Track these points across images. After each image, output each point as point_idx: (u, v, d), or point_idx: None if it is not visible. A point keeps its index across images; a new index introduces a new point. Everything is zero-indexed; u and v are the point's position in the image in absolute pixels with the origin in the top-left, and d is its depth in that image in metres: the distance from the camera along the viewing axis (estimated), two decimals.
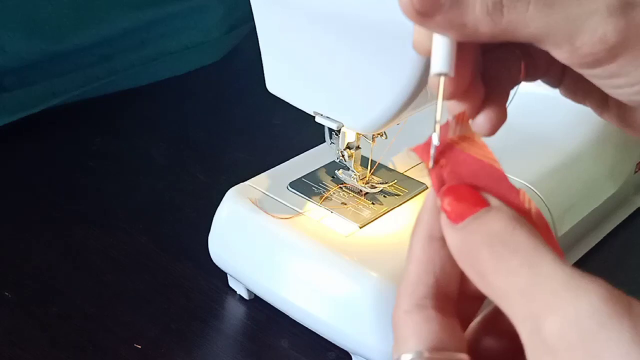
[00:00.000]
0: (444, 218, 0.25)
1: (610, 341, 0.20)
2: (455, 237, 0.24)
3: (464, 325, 0.27)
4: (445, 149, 0.27)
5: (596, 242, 0.68)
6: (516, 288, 0.22)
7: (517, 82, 0.33)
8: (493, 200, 0.25)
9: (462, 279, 0.26)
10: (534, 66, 0.33)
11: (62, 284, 0.62)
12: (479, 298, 0.27)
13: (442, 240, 0.25)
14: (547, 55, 0.29)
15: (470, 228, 0.24)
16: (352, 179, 0.58)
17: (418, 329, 0.25)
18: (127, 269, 0.64)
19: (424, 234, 0.26)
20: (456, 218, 0.24)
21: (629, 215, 0.73)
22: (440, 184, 0.26)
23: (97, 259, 0.65)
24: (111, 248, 0.66)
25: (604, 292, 0.21)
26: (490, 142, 0.69)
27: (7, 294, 0.60)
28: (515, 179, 0.62)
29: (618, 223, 0.71)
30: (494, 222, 0.24)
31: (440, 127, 0.27)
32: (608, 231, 0.70)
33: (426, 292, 0.26)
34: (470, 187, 0.25)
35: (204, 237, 0.60)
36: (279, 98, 0.53)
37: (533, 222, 0.24)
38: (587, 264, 0.66)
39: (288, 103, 0.53)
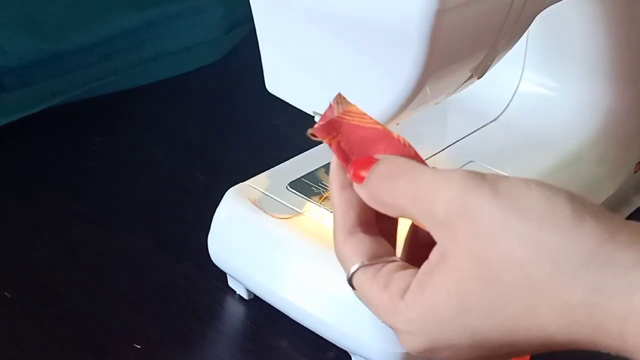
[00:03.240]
0: (354, 183, 0.33)
1: (479, 203, 0.29)
2: (364, 192, 0.33)
3: (390, 240, 0.35)
4: (336, 125, 0.35)
5: None
6: (409, 199, 0.31)
7: None
8: (379, 156, 0.33)
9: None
10: None
11: (62, 283, 0.61)
12: (392, 218, 0.35)
13: (351, 186, 0.34)
14: None
15: (368, 181, 0.33)
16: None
17: (355, 248, 0.33)
18: (127, 269, 0.64)
19: (338, 185, 0.34)
20: (359, 180, 0.33)
21: (629, 215, 0.73)
22: (341, 153, 0.34)
23: (97, 259, 0.65)
24: (111, 248, 0.66)
25: (464, 172, 0.30)
26: (490, 142, 0.69)
27: (7, 294, 0.60)
28: None
29: None
30: (380, 168, 0.33)
31: (327, 110, 0.35)
32: None
33: (352, 222, 0.34)
34: (365, 157, 0.33)
35: (203, 237, 0.60)
36: (279, 98, 0.53)
37: (412, 154, 0.34)
38: None
39: (288, 103, 0.53)
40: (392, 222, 0.36)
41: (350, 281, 0.33)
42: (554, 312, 0.27)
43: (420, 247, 0.34)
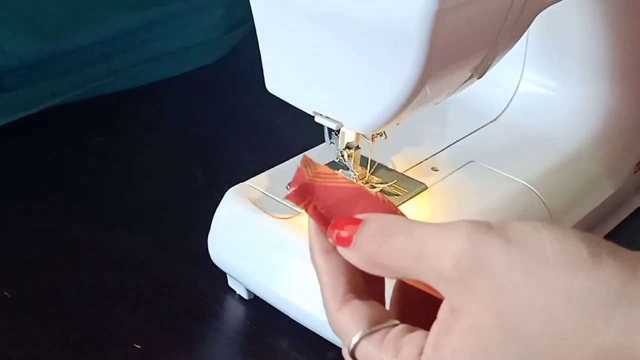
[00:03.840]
0: (339, 247, 0.31)
1: (491, 255, 0.27)
2: (353, 255, 0.31)
3: (380, 302, 0.33)
4: (309, 189, 0.33)
5: None
6: (411, 259, 0.28)
7: None
8: (362, 216, 0.31)
9: (362, 272, 0.32)
10: None
11: (62, 283, 0.62)
12: (380, 281, 0.34)
13: (335, 250, 0.32)
14: None
15: (357, 244, 0.30)
16: (351, 178, 0.58)
17: (353, 317, 0.31)
18: (127, 269, 0.64)
19: (321, 250, 0.32)
20: (346, 243, 0.31)
21: (629, 215, 0.73)
22: (319, 217, 0.32)
23: (97, 258, 0.65)
24: (111, 248, 0.66)
25: (467, 223, 0.28)
26: (490, 142, 0.69)
27: (7, 294, 0.60)
28: (515, 178, 0.62)
29: (618, 223, 0.71)
30: (369, 228, 0.30)
31: (296, 174, 0.33)
32: (608, 231, 0.70)
33: (344, 289, 0.31)
34: (346, 217, 0.31)
35: (203, 237, 0.60)
36: (279, 98, 0.53)
37: (394, 211, 0.32)
38: None
39: (288, 103, 0.53)
40: (380, 283, 0.34)
41: (352, 354, 0.30)
42: (588, 359, 0.26)
43: (410, 303, 0.33)
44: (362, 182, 0.58)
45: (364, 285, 0.32)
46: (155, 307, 0.60)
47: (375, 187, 0.59)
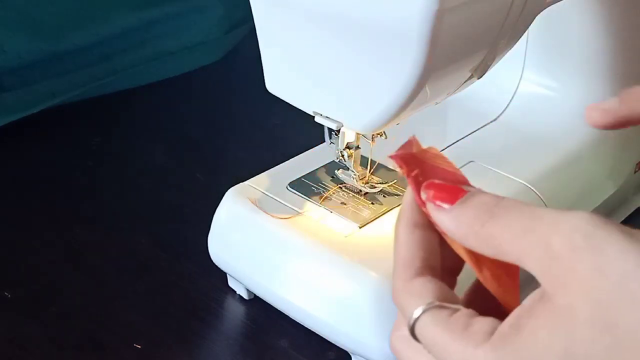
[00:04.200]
0: (432, 207, 0.29)
1: (608, 237, 0.25)
2: (449, 216, 0.29)
3: None
4: (417, 161, 0.32)
5: None
6: (519, 231, 0.26)
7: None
8: (470, 189, 0.29)
9: (442, 258, 0.31)
10: None
11: (62, 284, 0.62)
12: (454, 274, 0.32)
13: (424, 226, 0.30)
14: None
15: (461, 207, 0.28)
16: (351, 178, 0.58)
17: (424, 288, 0.29)
18: (127, 269, 0.64)
19: (408, 223, 0.31)
20: (450, 200, 0.29)
21: (629, 215, 0.73)
22: (419, 187, 0.30)
23: (97, 259, 0.65)
24: (111, 248, 0.66)
25: (587, 213, 0.26)
26: (490, 142, 0.69)
27: (7, 294, 0.60)
28: (515, 178, 0.62)
29: (618, 223, 0.71)
30: (482, 197, 0.28)
31: (405, 144, 0.32)
32: None
33: (420, 263, 0.30)
34: (451, 186, 0.30)
35: (203, 237, 0.60)
36: (279, 98, 0.53)
37: None
38: None
39: (288, 103, 0.53)
40: (452, 279, 0.32)
41: (412, 329, 0.28)
42: None
43: (481, 309, 0.29)
44: (362, 183, 0.58)
45: (440, 270, 0.30)
46: (155, 307, 0.60)
47: (375, 187, 0.59)
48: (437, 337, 0.27)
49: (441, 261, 0.31)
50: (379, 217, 0.56)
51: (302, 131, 0.63)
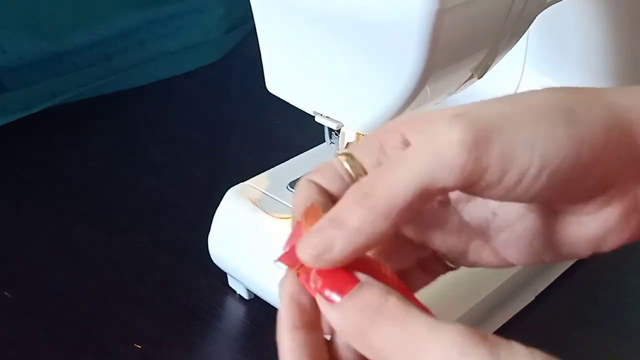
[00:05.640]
0: (321, 300, 0.27)
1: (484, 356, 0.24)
2: (336, 315, 0.27)
3: None
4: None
5: None
6: (395, 346, 0.25)
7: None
8: (362, 277, 0.27)
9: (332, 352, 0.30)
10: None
11: (62, 283, 0.62)
12: None
13: (305, 326, 0.28)
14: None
15: (348, 304, 0.26)
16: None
17: None
18: (127, 269, 0.64)
19: (291, 325, 0.29)
20: (341, 289, 0.27)
21: None
22: (308, 282, 0.28)
23: (97, 258, 0.65)
24: (111, 248, 0.66)
25: (462, 328, 0.25)
26: None
27: (6, 293, 0.60)
28: None
29: None
30: (367, 296, 0.26)
31: (294, 230, 0.30)
32: None
33: None
34: (340, 269, 0.27)
35: (204, 237, 0.60)
36: (279, 98, 0.53)
37: (391, 282, 0.28)
38: (588, 264, 0.66)
39: (288, 103, 0.53)
40: None
41: None
42: None
43: None
44: None
45: None
46: (155, 307, 0.60)
47: None
48: None
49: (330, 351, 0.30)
50: None
51: (302, 131, 0.63)
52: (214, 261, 0.60)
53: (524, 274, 0.60)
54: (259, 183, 0.59)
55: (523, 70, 0.70)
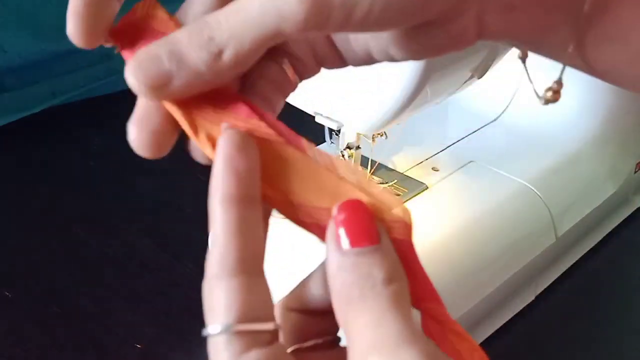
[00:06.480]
0: (332, 235, 0.25)
1: None
2: (336, 263, 0.24)
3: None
4: (136, 31, 0.26)
5: (596, 242, 0.68)
6: (360, 333, 0.23)
7: (288, 90, 0.31)
8: (385, 240, 0.24)
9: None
10: (302, 66, 0.32)
11: (62, 284, 0.61)
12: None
13: (243, 200, 0.25)
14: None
15: (353, 261, 0.24)
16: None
17: (228, 298, 0.25)
18: (127, 269, 0.64)
19: (222, 198, 0.26)
20: (351, 242, 0.24)
21: (629, 215, 0.73)
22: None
23: (97, 258, 0.65)
24: (111, 248, 0.66)
25: (431, 350, 0.22)
26: (490, 142, 0.68)
27: (7, 293, 0.60)
28: (515, 178, 0.62)
29: (618, 223, 0.71)
30: (375, 267, 0.24)
31: (130, 12, 0.26)
32: (608, 230, 0.70)
33: (237, 257, 0.25)
34: (369, 219, 0.24)
35: (204, 237, 0.60)
36: None
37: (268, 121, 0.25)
38: (589, 264, 0.66)
39: (288, 103, 0.53)
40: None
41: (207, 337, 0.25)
42: None
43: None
44: None
45: (264, 256, 0.27)
46: (155, 307, 0.60)
47: None
48: None
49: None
50: None
51: (302, 131, 0.63)
52: None
53: (524, 274, 0.60)
54: None
55: (523, 70, 0.70)
